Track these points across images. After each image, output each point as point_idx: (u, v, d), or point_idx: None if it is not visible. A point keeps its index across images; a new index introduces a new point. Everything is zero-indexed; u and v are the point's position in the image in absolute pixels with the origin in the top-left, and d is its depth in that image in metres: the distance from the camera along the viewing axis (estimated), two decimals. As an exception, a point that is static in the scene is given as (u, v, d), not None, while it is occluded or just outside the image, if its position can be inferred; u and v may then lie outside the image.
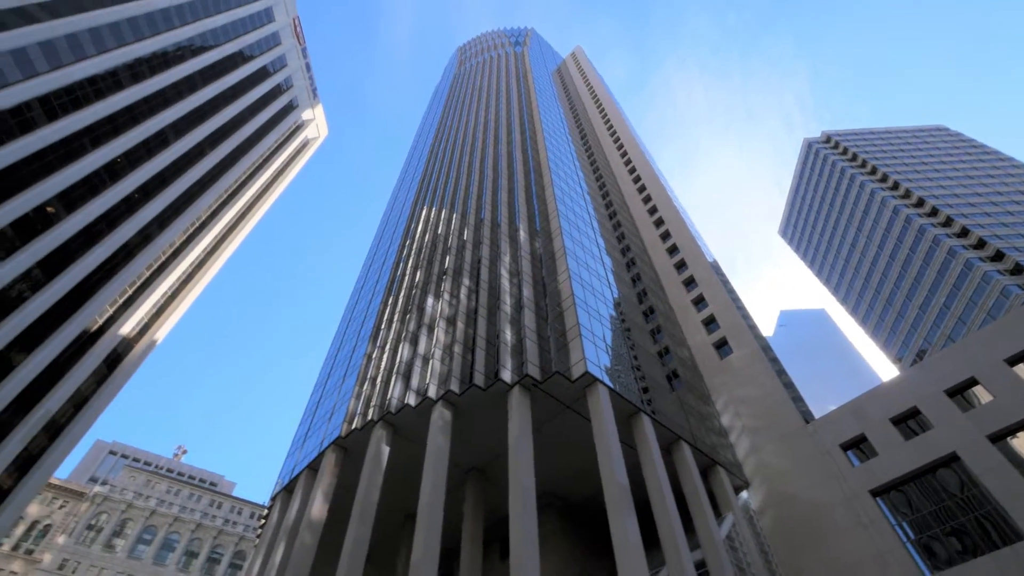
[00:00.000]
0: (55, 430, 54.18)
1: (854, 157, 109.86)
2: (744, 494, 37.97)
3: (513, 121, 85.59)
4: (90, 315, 56.60)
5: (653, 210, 70.38)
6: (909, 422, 33.73)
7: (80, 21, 54.95)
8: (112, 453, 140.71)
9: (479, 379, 34.14)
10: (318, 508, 33.99)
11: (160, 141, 66.64)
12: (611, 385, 33.12)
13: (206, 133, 75.44)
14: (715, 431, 41.24)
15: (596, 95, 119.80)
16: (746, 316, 51.89)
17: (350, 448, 37.72)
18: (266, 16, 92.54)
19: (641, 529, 27.79)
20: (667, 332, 48.48)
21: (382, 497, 35.13)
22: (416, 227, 65.20)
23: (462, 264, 49.01)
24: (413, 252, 58.16)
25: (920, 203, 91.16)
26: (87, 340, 57.48)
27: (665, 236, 64.74)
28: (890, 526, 30.38)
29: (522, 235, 50.03)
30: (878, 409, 35.19)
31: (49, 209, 51.53)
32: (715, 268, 58.68)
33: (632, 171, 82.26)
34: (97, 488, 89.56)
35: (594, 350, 34.80)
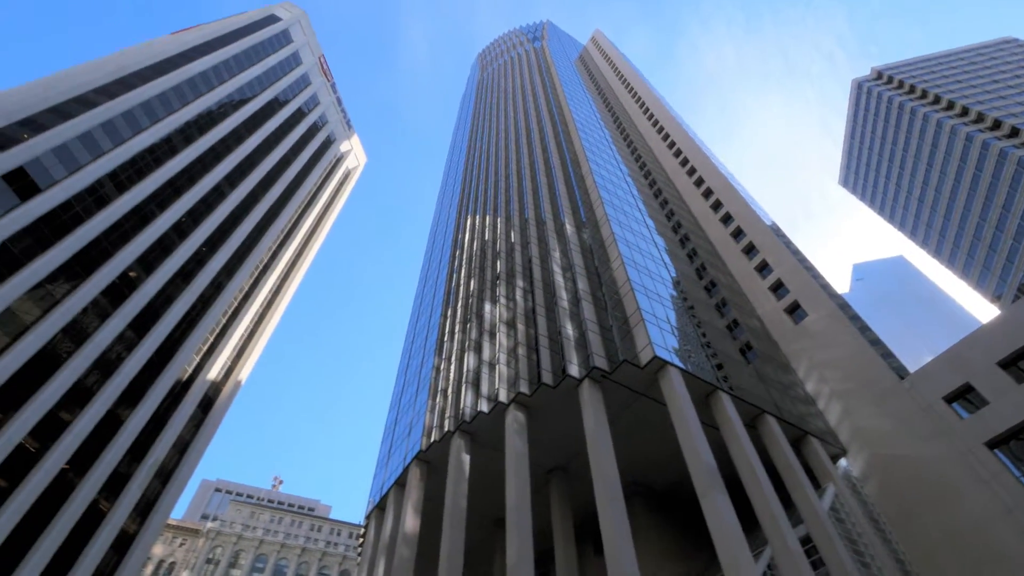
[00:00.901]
0: (165, 475, 58.47)
1: (911, 89, 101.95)
2: (843, 462, 35.90)
3: (543, 116, 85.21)
4: (180, 365, 60.75)
5: (699, 181, 68.05)
6: (1020, 363, 30.82)
7: (132, 97, 59.27)
8: (217, 490, 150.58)
9: (547, 378, 34.07)
10: (410, 522, 34.96)
11: (217, 195, 70.80)
12: (682, 366, 32.19)
13: (256, 180, 79.49)
14: (801, 400, 39.26)
15: (623, 75, 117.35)
16: (816, 276, 49.17)
17: (432, 461, 38.59)
18: (294, 60, 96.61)
19: (736, 511, 26.80)
20: (733, 304, 46.67)
21: (470, 504, 35.70)
22: (463, 237, 66.04)
23: (513, 266, 49.17)
24: (464, 261, 58.92)
25: (996, 125, 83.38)
26: (181, 389, 61.72)
27: (716, 206, 62.43)
28: (1015, 478, 27.83)
29: (569, 228, 49.62)
30: (982, 354, 32.38)
31: (131, 274, 55.76)
32: (775, 231, 56.02)
33: (672, 145, 79.93)
34: (209, 524, 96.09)
35: (659, 333, 33.96)
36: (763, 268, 51.16)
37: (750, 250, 53.96)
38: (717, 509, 24.89)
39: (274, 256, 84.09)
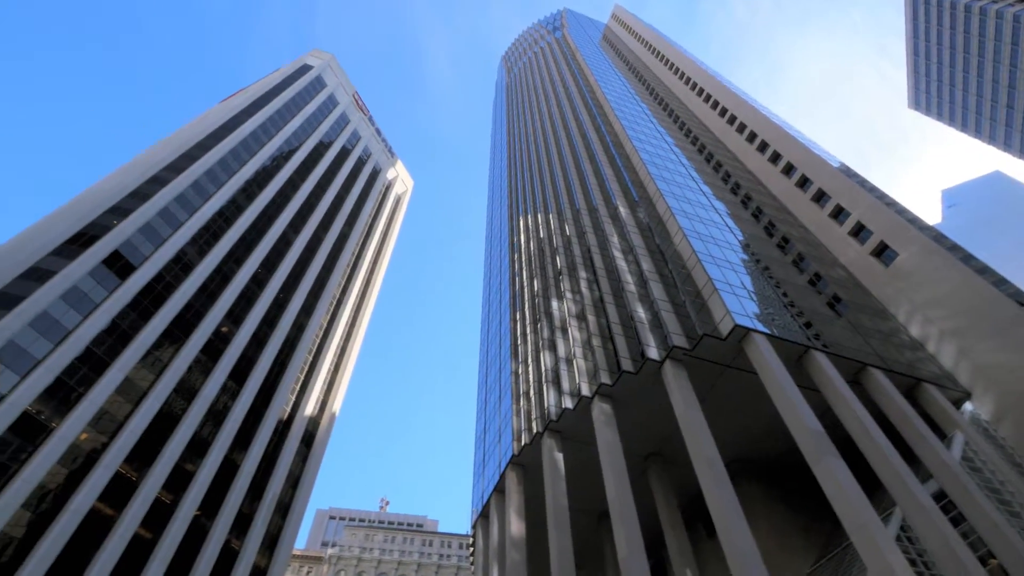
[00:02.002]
0: (284, 509, 62.42)
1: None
2: (968, 406, 32.79)
3: (577, 104, 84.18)
4: (279, 406, 64.76)
5: (752, 136, 64.71)
6: None
7: (197, 168, 63.98)
8: (331, 518, 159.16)
9: (627, 365, 33.46)
10: (515, 526, 35.35)
11: (284, 243, 75.00)
12: (767, 331, 30.63)
13: (316, 221, 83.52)
14: (907, 346, 36.29)
15: (651, 45, 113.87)
16: (901, 211, 45.36)
17: (526, 464, 38.87)
18: (331, 103, 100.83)
19: (854, 475, 25.12)
20: (812, 257, 43.93)
21: (572, 501, 35.64)
22: (519, 239, 66.31)
23: (573, 259, 48.79)
24: (524, 263, 59.13)
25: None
26: (284, 427, 65.75)
27: (775, 158, 59.10)
28: None
29: (622, 211, 48.64)
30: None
31: (224, 329, 60.08)
32: (845, 172, 52.26)
33: (715, 106, 76.57)
34: (330, 551, 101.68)
35: (736, 301, 32.50)
36: (838, 213, 47.84)
37: (820, 197, 50.65)
38: (832, 474, 23.42)
39: (345, 289, 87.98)
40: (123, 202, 54.99)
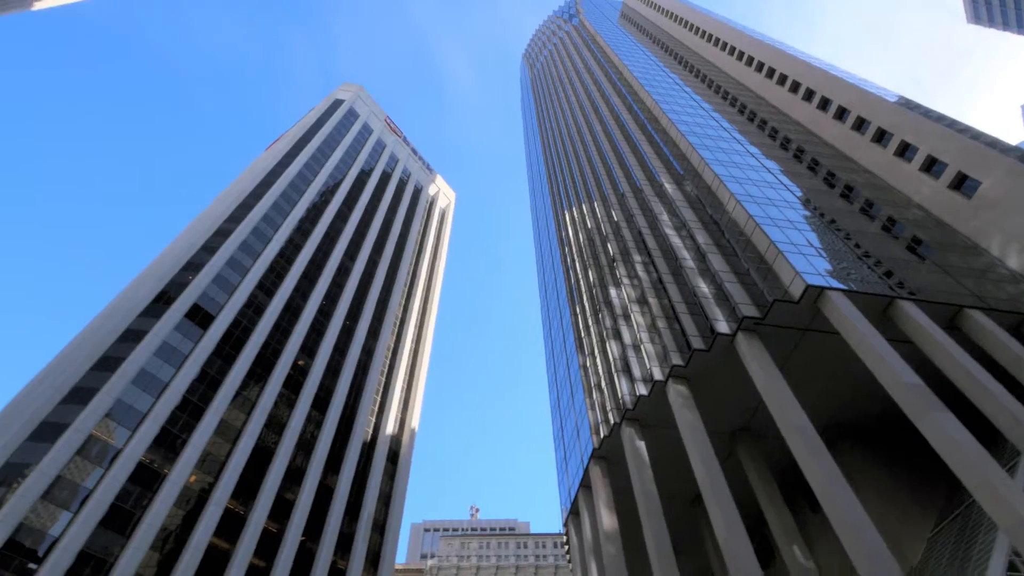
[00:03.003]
0: (380, 526, 64.68)
1: None
2: (1089, 335, 29.56)
3: (605, 88, 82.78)
4: (362, 428, 67.19)
5: (795, 86, 61.34)
6: None
7: (254, 215, 67.58)
8: (426, 530, 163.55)
9: (697, 343, 32.44)
10: (607, 519, 35.00)
11: (343, 272, 77.87)
12: (843, 286, 28.85)
13: (369, 247, 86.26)
14: (1007, 280, 33.17)
15: (673, 14, 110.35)
16: (977, 135, 41.58)
17: (609, 456, 38.44)
18: (365, 131, 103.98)
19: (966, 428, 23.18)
20: (881, 201, 41.05)
21: (661, 488, 34.91)
22: (567, 232, 65.86)
23: (625, 243, 47.92)
24: (575, 255, 58.64)
25: None
26: (369, 448, 68.15)
27: (823, 104, 55.73)
28: None
29: (668, 187, 47.33)
30: None
31: (300, 363, 63.07)
32: (905, 105, 48.56)
33: (750, 62, 73.17)
34: (430, 562, 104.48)
35: (804, 260, 30.83)
36: (904, 150, 44.46)
37: (881, 136, 47.28)
38: (942, 429, 21.72)
39: (406, 308, 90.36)
40: (195, 257, 58.94)
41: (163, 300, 53.41)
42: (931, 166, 41.66)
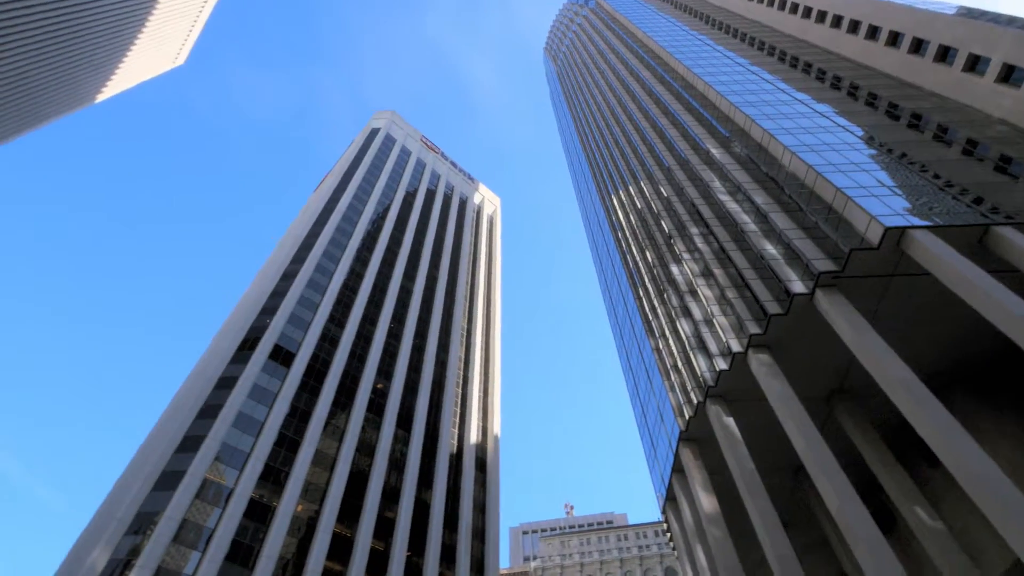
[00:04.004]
0: (479, 534, 65.82)
1: None
2: None
3: (633, 65, 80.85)
4: (447, 441, 68.70)
5: (836, 20, 57.45)
6: None
7: (315, 253, 70.67)
8: (524, 533, 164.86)
9: (772, 308, 30.91)
10: (706, 502, 33.95)
11: (405, 292, 79.93)
12: (927, 223, 26.63)
13: (426, 265, 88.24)
14: (1121, 184, 29.49)
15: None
16: (1057, 31, 37.26)
17: (698, 437, 37.31)
18: (404, 154, 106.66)
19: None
20: (957, 124, 37.62)
21: (760, 461, 33.50)
22: (617, 217, 64.74)
23: (679, 218, 46.50)
24: (629, 238, 57.51)
25: None
26: (456, 459, 69.59)
27: (872, 33, 51.84)
28: None
29: (715, 153, 45.51)
30: None
31: (379, 386, 65.37)
32: (967, 14, 44.28)
33: (783, 5, 69.26)
34: (533, 564, 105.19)
35: (877, 202, 28.73)
36: (975, 64, 40.55)
37: (945, 54, 43.38)
38: (1070, 360, 19.54)
39: (470, 318, 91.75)
40: (269, 302, 62.51)
41: (247, 346, 56.91)
42: (1009, 75, 37.79)
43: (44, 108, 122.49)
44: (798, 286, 29.68)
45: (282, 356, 57.97)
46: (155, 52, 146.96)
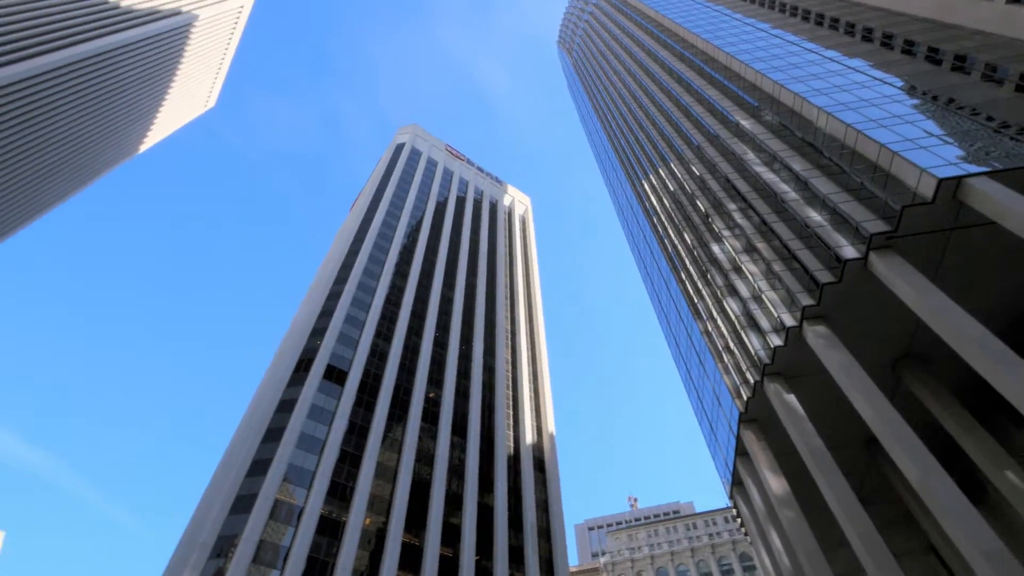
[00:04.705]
0: (545, 534, 65.76)
1: None
2: None
3: (650, 45, 79.33)
4: (503, 444, 69.00)
5: (861, -30, 54.67)
6: None
7: (356, 272, 72.32)
8: (590, 529, 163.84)
9: (824, 276, 29.66)
10: (775, 484, 32.87)
11: (446, 301, 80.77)
12: (983, 169, 24.99)
13: (464, 271, 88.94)
14: None
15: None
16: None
17: (759, 417, 36.17)
18: (431, 165, 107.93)
19: None
20: (1005, 60, 35.13)
21: (828, 437, 32.24)
22: (650, 202, 63.61)
23: (715, 196, 45.27)
24: (665, 222, 56.39)
25: None
26: (514, 461, 69.77)
27: (902, -23, 49.06)
28: None
29: (745, 124, 44.10)
30: None
31: (431, 395, 66.19)
32: (1004, -58, 41.31)
33: (800, -37, 66.47)
34: (603, 560, 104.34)
35: (927, 154, 27.16)
36: (1019, -6, 37.78)
37: (984, -12, 40.58)
38: None
39: (512, 320, 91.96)
40: (317, 323, 64.43)
41: (302, 368, 58.81)
42: (1060, 0, 35.07)
43: (97, 163, 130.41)
44: (849, 251, 28.39)
45: (335, 375, 59.62)
46: (188, 98, 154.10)
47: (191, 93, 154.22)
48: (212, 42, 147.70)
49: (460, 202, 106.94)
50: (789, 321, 31.25)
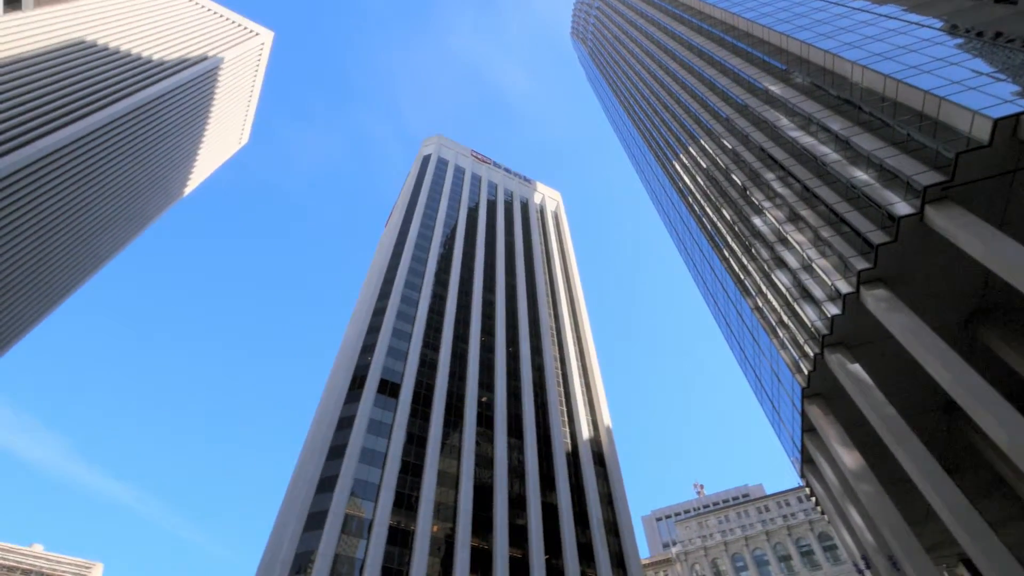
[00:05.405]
0: (612, 528, 65.13)
1: None
2: None
3: (665, 23, 77.58)
4: (559, 441, 68.77)
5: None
6: None
7: (398, 286, 73.58)
8: (658, 519, 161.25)
9: (877, 237, 28.22)
10: (848, 458, 31.49)
11: (488, 305, 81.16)
12: (1047, 101, 23.17)
13: (502, 273, 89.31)
14: None
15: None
16: None
17: (823, 391, 34.76)
18: (459, 172, 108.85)
19: None
20: (1057, -18, 32.54)
21: (901, 405, 30.63)
22: (683, 183, 62.15)
23: (750, 167, 43.81)
24: (701, 200, 54.96)
25: None
26: (573, 457, 69.48)
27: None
28: None
29: (775, 89, 42.48)
30: None
31: (483, 399, 66.64)
32: None
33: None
34: (675, 549, 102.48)
35: (977, 95, 25.44)
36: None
37: (1024, -91, 37.70)
38: None
39: (556, 316, 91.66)
40: (366, 340, 65.98)
41: (357, 385, 60.34)
42: (1113, -92, 32.21)
43: (148, 209, 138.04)
44: (903, 208, 26.91)
45: (389, 388, 60.90)
46: (223, 138, 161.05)
47: (225, 132, 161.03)
48: (240, 81, 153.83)
49: (491, 205, 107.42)
50: (845, 288, 29.87)
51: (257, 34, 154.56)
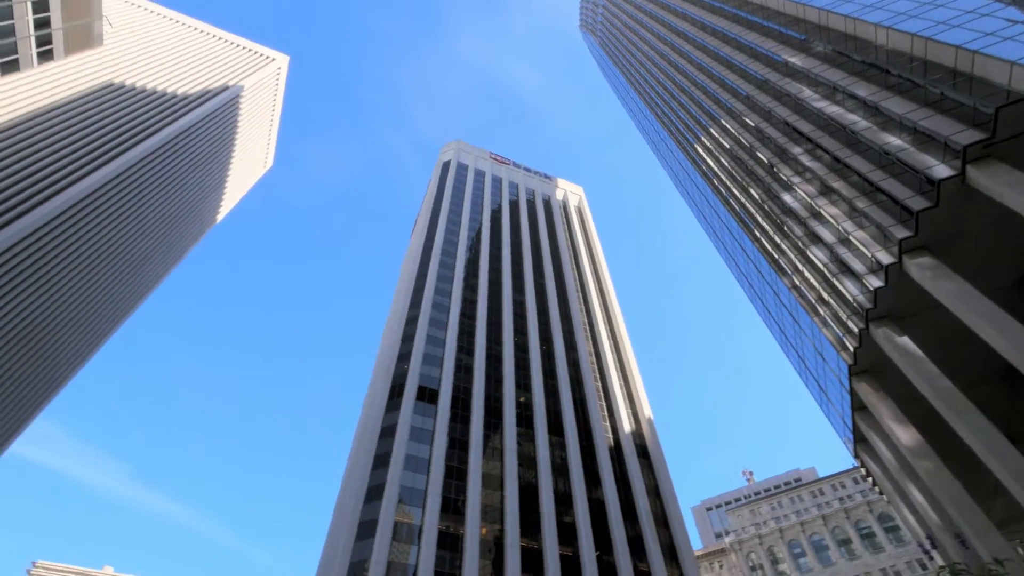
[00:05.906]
0: (662, 520, 64.32)
1: None
2: None
3: (675, 4, 76.30)
4: (601, 436, 68.36)
5: None
6: None
7: (428, 293, 74.23)
8: (708, 509, 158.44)
9: (917, 203, 27.10)
10: (904, 435, 30.33)
11: (519, 304, 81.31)
12: (1092, 44, 21.87)
13: (530, 272, 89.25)
14: None
15: None
16: None
17: (871, 367, 33.58)
18: (479, 176, 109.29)
19: None
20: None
21: (956, 376, 29.33)
22: (707, 166, 60.96)
23: (775, 143, 42.66)
24: (727, 181, 53.80)
25: None
26: (616, 452, 68.93)
27: None
28: None
29: (795, 61, 41.28)
30: None
31: (521, 400, 66.69)
32: None
33: None
34: (728, 539, 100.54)
35: (1014, 45, 24.16)
36: None
37: None
38: None
39: (588, 311, 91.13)
40: (402, 349, 66.85)
41: (396, 394, 61.21)
42: None
43: (185, 238, 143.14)
44: (942, 170, 25.79)
45: (427, 395, 61.56)
46: (249, 163, 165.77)
47: (251, 157, 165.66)
48: (260, 107, 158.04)
49: (514, 205, 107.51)
50: (886, 259, 28.81)
51: (273, 59, 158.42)
